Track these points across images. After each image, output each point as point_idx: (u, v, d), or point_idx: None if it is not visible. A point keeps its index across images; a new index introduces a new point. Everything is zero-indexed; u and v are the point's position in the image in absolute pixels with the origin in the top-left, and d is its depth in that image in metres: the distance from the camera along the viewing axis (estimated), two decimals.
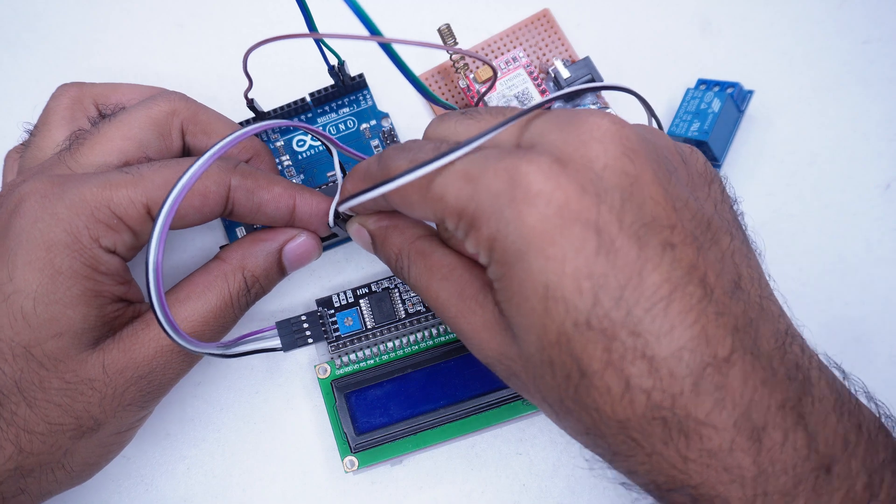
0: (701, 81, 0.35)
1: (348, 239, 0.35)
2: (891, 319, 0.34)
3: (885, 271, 0.34)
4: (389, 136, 0.36)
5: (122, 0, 0.39)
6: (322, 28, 0.29)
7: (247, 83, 0.32)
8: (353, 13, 0.24)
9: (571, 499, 0.33)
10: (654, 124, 0.30)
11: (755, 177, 0.36)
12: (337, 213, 0.31)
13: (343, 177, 0.30)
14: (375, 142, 0.36)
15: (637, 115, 0.36)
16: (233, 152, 0.32)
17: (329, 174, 0.36)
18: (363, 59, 0.37)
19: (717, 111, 0.34)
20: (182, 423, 0.34)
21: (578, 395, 0.22)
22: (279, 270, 0.31)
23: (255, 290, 0.31)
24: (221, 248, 0.32)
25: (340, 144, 0.30)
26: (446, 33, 0.34)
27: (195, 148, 0.31)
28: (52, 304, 0.26)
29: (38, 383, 0.26)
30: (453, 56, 0.35)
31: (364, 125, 0.36)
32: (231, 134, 0.24)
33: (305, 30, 0.29)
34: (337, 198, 0.30)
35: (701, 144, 0.34)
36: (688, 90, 0.35)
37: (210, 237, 0.36)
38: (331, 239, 0.34)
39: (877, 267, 0.34)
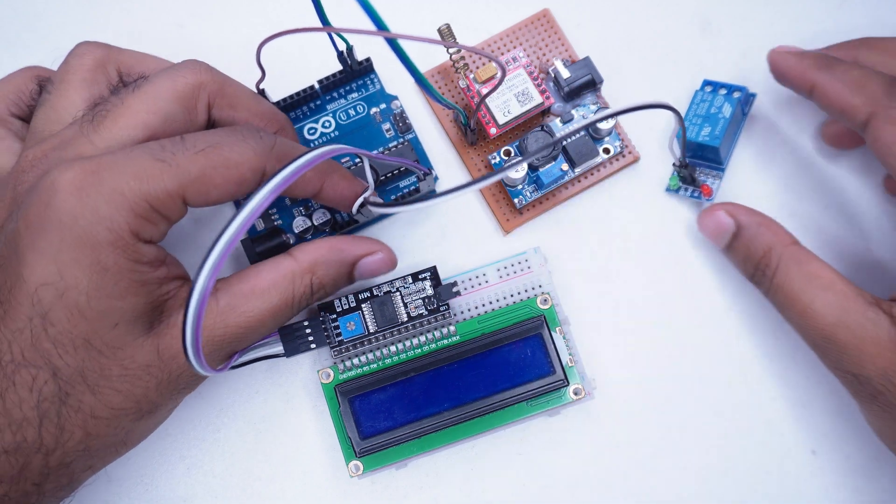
0: (707, 83, 0.35)
1: (365, 225, 0.35)
2: None
3: (886, 271, 0.34)
4: (400, 119, 0.36)
5: (122, 0, 0.39)
6: (330, 15, 0.29)
7: (255, 77, 0.31)
8: (363, 10, 0.24)
9: (571, 499, 0.33)
10: (681, 135, 0.31)
11: (756, 178, 0.36)
12: (363, 202, 0.31)
13: (374, 179, 0.31)
14: (387, 125, 0.36)
15: (638, 113, 0.36)
16: (262, 124, 0.31)
17: (343, 160, 0.35)
18: (369, 45, 0.36)
19: (729, 117, 0.34)
20: (182, 423, 0.34)
21: None
22: (347, 280, 0.32)
23: (319, 295, 0.31)
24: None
25: (373, 154, 0.30)
26: (446, 33, 0.33)
27: (221, 121, 0.31)
28: (103, 298, 0.26)
29: (100, 371, 0.27)
30: (453, 56, 0.34)
31: (374, 109, 0.36)
32: (286, 167, 0.24)
33: (312, 22, 0.29)
34: (371, 188, 0.31)
35: (712, 150, 0.34)
36: (696, 93, 0.35)
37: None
38: (350, 226, 0.34)
39: (875, 268, 0.35)
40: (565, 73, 0.35)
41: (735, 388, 0.34)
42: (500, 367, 0.33)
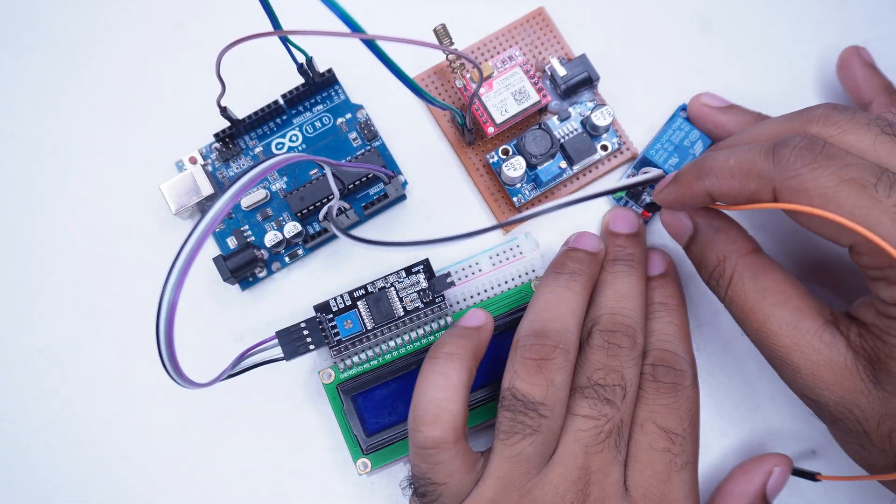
0: (682, 108, 0.36)
1: (335, 237, 0.35)
2: None
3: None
4: (366, 127, 0.36)
5: (122, 0, 0.39)
6: (287, 25, 0.29)
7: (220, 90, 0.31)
8: (336, 14, 0.23)
9: None
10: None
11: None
12: (339, 209, 0.30)
13: (339, 190, 0.30)
14: (353, 134, 0.36)
15: (631, 110, 0.36)
16: None
17: (311, 172, 0.36)
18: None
19: (696, 155, 0.35)
20: (182, 423, 0.34)
21: None
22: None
23: None
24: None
25: (335, 162, 0.30)
26: (442, 33, 0.33)
27: None
28: None
29: None
30: (449, 56, 0.34)
31: (340, 119, 0.37)
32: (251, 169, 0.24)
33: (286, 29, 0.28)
34: (336, 196, 0.30)
35: None
36: (675, 117, 0.35)
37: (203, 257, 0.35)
38: (317, 238, 0.35)
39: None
40: (562, 71, 0.35)
41: (735, 385, 0.34)
42: (500, 354, 0.32)
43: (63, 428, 0.34)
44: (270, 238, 0.34)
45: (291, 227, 0.34)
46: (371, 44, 0.25)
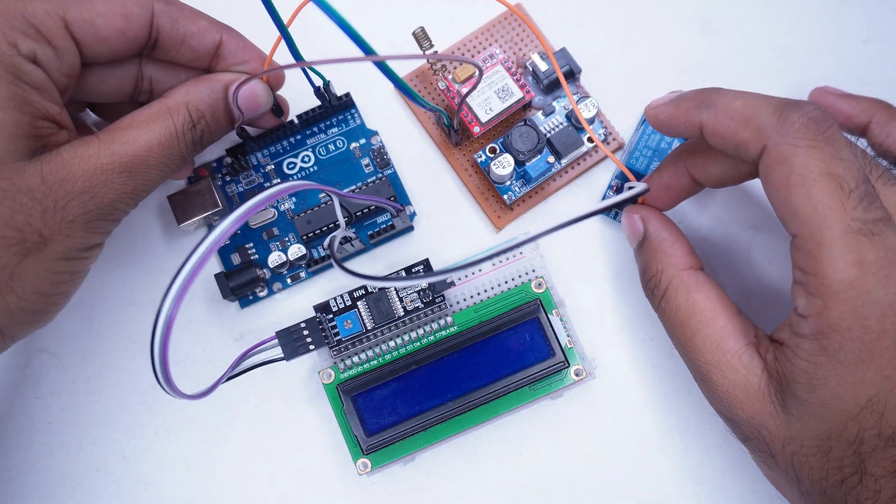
0: None
1: (347, 258, 0.35)
2: None
3: None
4: (379, 154, 0.36)
5: None
6: (303, 49, 0.29)
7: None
8: (349, 37, 0.24)
9: (571, 499, 0.33)
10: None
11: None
12: (344, 238, 0.30)
13: (346, 220, 0.30)
14: (366, 160, 0.36)
15: (622, 106, 0.36)
16: None
17: (321, 195, 0.35)
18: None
19: None
20: (182, 423, 0.34)
21: (845, 488, 0.24)
22: (226, 111, 0.31)
23: (201, 126, 0.30)
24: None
25: (343, 193, 0.30)
26: (421, 36, 0.33)
27: None
28: None
29: None
30: (430, 59, 0.34)
31: (353, 144, 0.36)
32: (252, 198, 0.24)
33: (298, 51, 0.29)
34: (342, 226, 0.30)
35: None
36: (644, 121, 0.35)
37: (207, 277, 0.35)
38: (320, 263, 0.34)
39: None
40: (543, 66, 0.35)
41: None
42: (500, 354, 0.33)
43: (63, 428, 0.34)
44: (274, 259, 0.34)
45: (296, 250, 0.34)
46: (382, 65, 0.25)
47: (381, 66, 0.26)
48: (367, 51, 0.24)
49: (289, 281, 0.35)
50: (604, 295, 0.35)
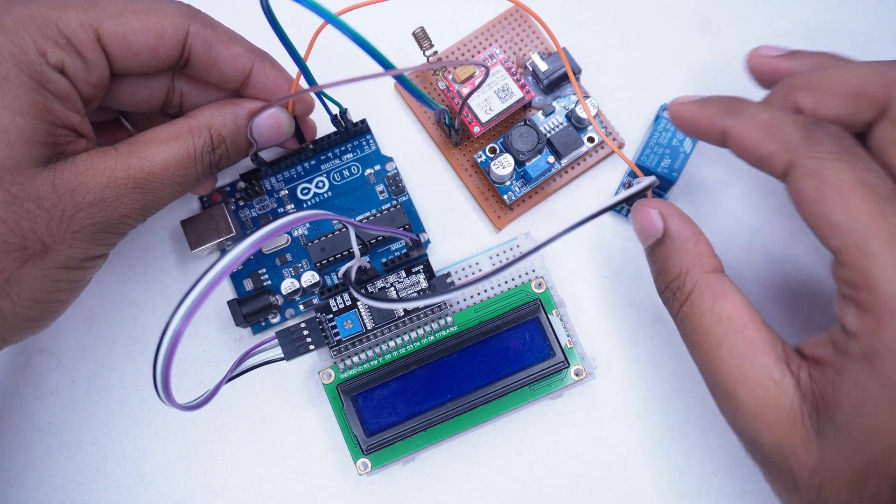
0: (664, 107, 0.36)
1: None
2: None
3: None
4: (394, 182, 0.36)
5: None
6: (317, 73, 0.30)
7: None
8: (367, 54, 0.24)
9: (571, 499, 0.33)
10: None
11: (755, 181, 0.36)
12: (347, 270, 0.30)
13: (360, 249, 0.30)
14: (380, 187, 0.36)
15: (622, 105, 0.36)
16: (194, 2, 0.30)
17: (335, 222, 0.35)
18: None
19: (689, 152, 0.35)
20: (182, 423, 0.34)
21: None
22: (246, 139, 0.31)
23: (221, 150, 0.30)
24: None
25: (359, 224, 0.30)
26: (421, 36, 0.33)
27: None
28: (1, 109, 0.25)
29: None
30: (431, 59, 0.34)
31: (368, 170, 0.36)
32: (263, 227, 0.23)
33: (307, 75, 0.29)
34: (357, 256, 0.30)
35: (667, 182, 0.35)
36: (658, 118, 0.35)
37: (217, 292, 0.35)
38: (333, 291, 0.34)
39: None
40: (543, 66, 0.35)
41: None
42: (500, 354, 0.33)
43: (63, 428, 0.34)
44: (287, 285, 0.34)
45: (309, 277, 0.34)
46: (401, 78, 0.25)
47: (400, 78, 0.26)
48: (386, 66, 0.24)
49: (301, 307, 0.35)
50: (604, 295, 0.35)
